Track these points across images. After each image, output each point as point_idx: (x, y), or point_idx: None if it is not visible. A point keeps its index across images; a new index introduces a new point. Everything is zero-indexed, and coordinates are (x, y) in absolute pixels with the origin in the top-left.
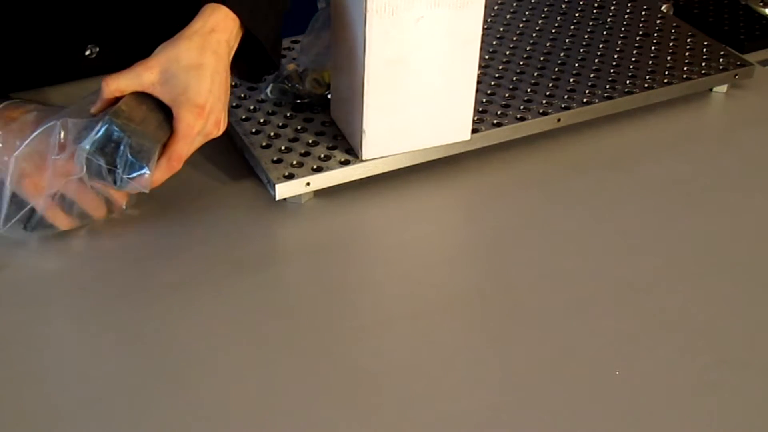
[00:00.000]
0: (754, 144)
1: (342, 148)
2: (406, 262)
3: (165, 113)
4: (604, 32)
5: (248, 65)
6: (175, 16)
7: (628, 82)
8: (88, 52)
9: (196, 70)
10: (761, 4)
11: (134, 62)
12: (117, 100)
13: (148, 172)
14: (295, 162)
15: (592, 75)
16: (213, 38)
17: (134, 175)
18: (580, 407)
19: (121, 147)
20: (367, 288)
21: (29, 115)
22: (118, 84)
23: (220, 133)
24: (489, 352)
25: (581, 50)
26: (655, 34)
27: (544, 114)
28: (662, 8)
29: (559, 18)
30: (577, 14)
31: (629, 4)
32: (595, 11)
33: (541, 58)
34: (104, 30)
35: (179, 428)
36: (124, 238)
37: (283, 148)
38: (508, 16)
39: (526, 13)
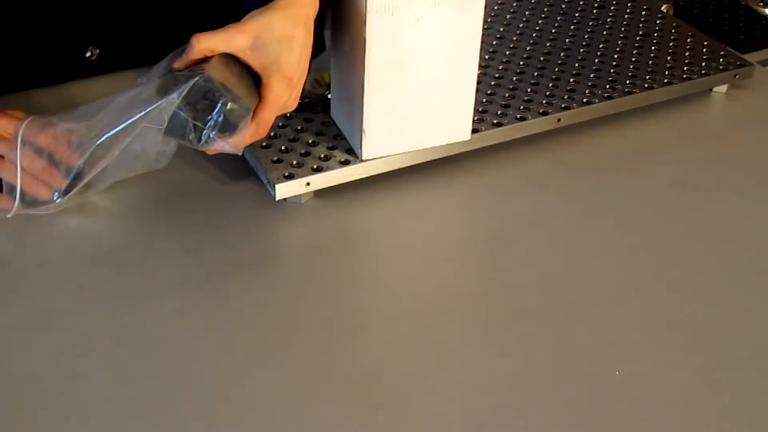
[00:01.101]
0: (754, 144)
1: (342, 148)
2: (406, 261)
3: (252, 79)
4: (604, 32)
5: None
6: (174, 19)
7: (628, 82)
8: (88, 54)
9: (288, 41)
10: (761, 4)
11: (134, 64)
12: (202, 61)
13: (240, 133)
14: (295, 162)
15: (592, 75)
16: (304, 12)
17: (225, 134)
18: (580, 407)
19: (217, 105)
20: (367, 288)
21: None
22: (210, 42)
23: (295, 107)
24: (489, 351)
25: (581, 50)
26: (655, 34)
27: (544, 114)
28: (662, 8)
29: (559, 18)
30: (577, 14)
31: (629, 4)
32: (595, 11)
33: (541, 58)
34: (104, 32)
35: (179, 428)
36: (124, 238)
37: (283, 148)
38: (508, 16)
39: (526, 13)
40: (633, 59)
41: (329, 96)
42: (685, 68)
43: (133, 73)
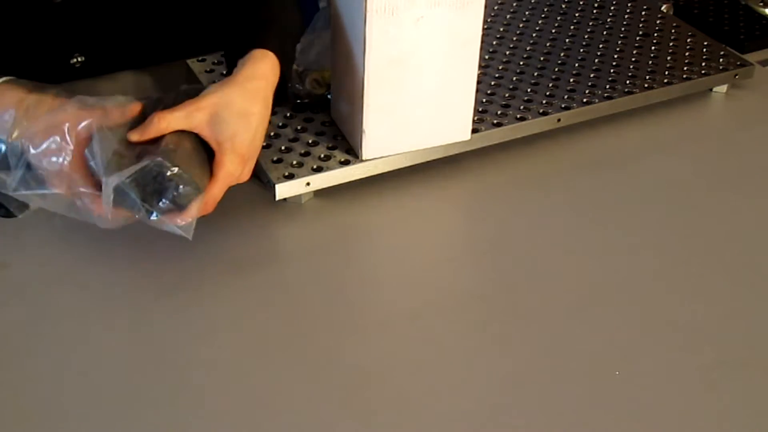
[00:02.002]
0: (754, 144)
1: (342, 148)
2: (406, 261)
3: (206, 153)
4: (604, 32)
5: None
6: (156, 26)
7: (628, 82)
8: (73, 61)
9: (246, 119)
10: (761, 4)
11: (119, 70)
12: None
13: (189, 211)
14: (295, 162)
15: (592, 75)
16: (263, 86)
17: (173, 213)
18: (580, 407)
19: (167, 190)
20: (367, 288)
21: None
22: (169, 122)
23: (247, 178)
24: (489, 351)
25: (581, 50)
26: (655, 34)
27: (544, 114)
28: (662, 8)
29: (559, 18)
30: (577, 14)
31: (629, 4)
32: (595, 11)
33: (541, 58)
34: (89, 40)
35: (179, 428)
36: (124, 238)
37: (283, 148)
38: (508, 16)
39: (526, 13)
40: (633, 59)
41: (329, 96)
42: (685, 68)
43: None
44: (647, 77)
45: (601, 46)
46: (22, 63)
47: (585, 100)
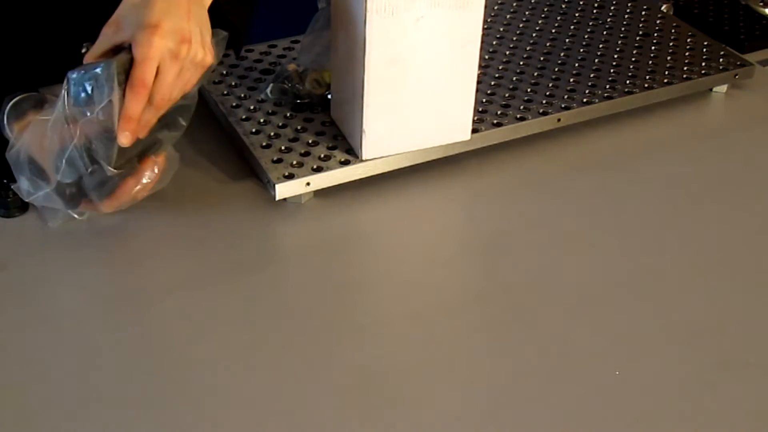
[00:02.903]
0: (754, 144)
1: (342, 148)
2: (406, 261)
3: None
4: (604, 32)
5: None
6: None
7: (628, 82)
8: (84, 50)
9: (146, 1)
10: (761, 4)
11: None
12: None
13: (110, 98)
14: (295, 162)
15: (592, 75)
16: None
17: (103, 103)
18: (580, 407)
19: (93, 79)
20: (367, 288)
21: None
22: (92, 53)
23: (209, 59)
24: (489, 351)
25: (581, 50)
26: (655, 34)
27: (544, 114)
28: (662, 8)
29: (559, 18)
30: (577, 14)
31: (629, 4)
32: (595, 11)
33: (541, 58)
34: (100, 28)
35: (179, 428)
36: (124, 238)
37: (283, 148)
38: (508, 16)
39: (526, 13)
40: (633, 59)
41: (329, 96)
42: (685, 68)
43: None
44: (647, 77)
45: (601, 46)
46: (28, 55)
47: (585, 100)
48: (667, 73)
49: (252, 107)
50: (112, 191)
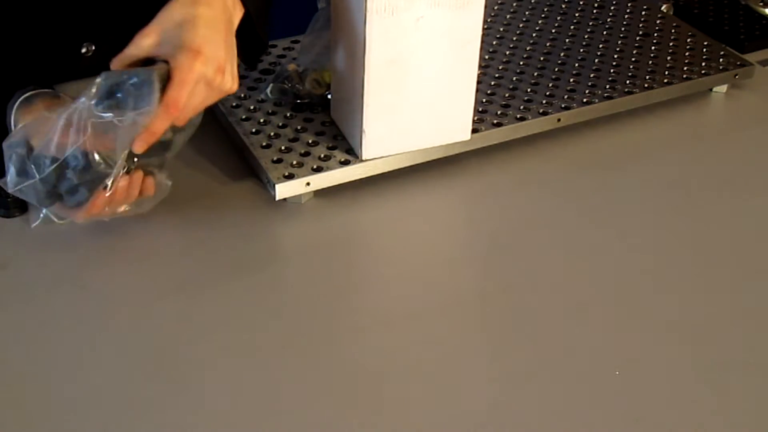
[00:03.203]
0: (754, 144)
1: (342, 148)
2: (406, 262)
3: None
4: (604, 32)
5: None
6: None
7: (628, 82)
8: (84, 50)
9: (190, 22)
10: (761, 4)
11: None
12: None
13: (150, 108)
14: (295, 162)
15: (592, 75)
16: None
17: (141, 110)
18: (580, 407)
19: (127, 85)
20: (367, 288)
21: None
22: (121, 59)
23: (235, 87)
24: (489, 351)
25: (581, 50)
26: (655, 34)
27: (544, 114)
28: (662, 8)
29: (559, 18)
30: (577, 14)
31: (629, 4)
32: (595, 11)
33: (541, 58)
34: (100, 28)
35: (179, 428)
36: (124, 238)
37: (283, 148)
38: (508, 16)
39: (526, 13)
40: (633, 59)
41: (329, 96)
42: (685, 68)
43: None
44: (647, 77)
45: (601, 46)
46: (29, 54)
47: (585, 100)
48: (667, 73)
49: (252, 107)
50: (83, 201)
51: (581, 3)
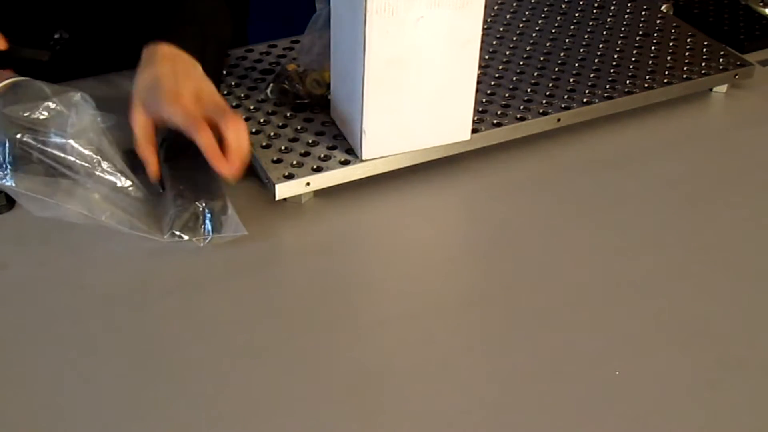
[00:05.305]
0: (754, 144)
1: (342, 148)
2: (406, 262)
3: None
4: (604, 32)
5: None
6: (144, 4)
7: (628, 82)
8: (57, 36)
9: (158, 81)
10: (761, 4)
11: (103, 47)
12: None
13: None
14: (295, 162)
15: (592, 75)
16: (158, 54)
17: (226, 229)
18: (580, 407)
19: (204, 219)
20: (367, 288)
21: None
22: (142, 149)
23: (239, 117)
24: (489, 351)
25: (581, 50)
26: (655, 34)
27: (544, 114)
28: (662, 8)
29: (559, 18)
30: (577, 14)
31: (629, 4)
32: (595, 11)
33: (541, 58)
34: (72, 15)
35: (179, 428)
36: (124, 238)
37: (283, 148)
38: (508, 16)
39: (526, 13)
40: (633, 59)
41: (329, 96)
42: (685, 68)
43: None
44: (647, 77)
45: (601, 46)
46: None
47: (585, 100)
48: (667, 73)
49: (252, 107)
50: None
51: (581, 3)
